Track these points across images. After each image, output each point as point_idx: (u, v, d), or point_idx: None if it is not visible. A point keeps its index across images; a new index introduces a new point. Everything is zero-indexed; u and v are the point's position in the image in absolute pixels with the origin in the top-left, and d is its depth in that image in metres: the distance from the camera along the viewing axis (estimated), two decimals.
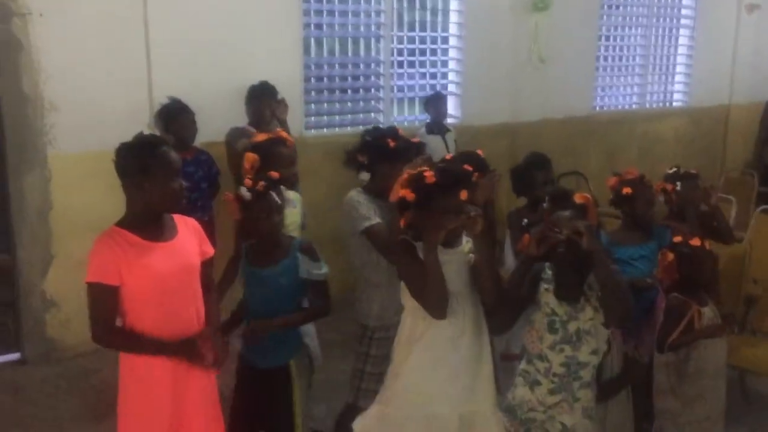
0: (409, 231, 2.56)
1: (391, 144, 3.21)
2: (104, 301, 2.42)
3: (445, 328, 2.53)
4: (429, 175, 2.50)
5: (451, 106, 6.37)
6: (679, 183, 3.65)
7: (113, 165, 2.49)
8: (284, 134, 3.77)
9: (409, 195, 2.51)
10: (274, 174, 2.98)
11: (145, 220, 2.47)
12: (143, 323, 2.44)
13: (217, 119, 4.89)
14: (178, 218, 2.59)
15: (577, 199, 2.60)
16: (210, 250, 2.66)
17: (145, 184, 2.42)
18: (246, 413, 2.99)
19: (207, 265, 2.64)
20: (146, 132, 3.96)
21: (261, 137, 3.67)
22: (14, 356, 4.71)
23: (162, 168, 2.43)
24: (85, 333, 4.57)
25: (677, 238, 3.15)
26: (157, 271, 2.42)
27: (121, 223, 2.48)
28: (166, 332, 2.46)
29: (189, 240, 2.57)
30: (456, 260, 2.56)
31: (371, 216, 3.09)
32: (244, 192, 2.86)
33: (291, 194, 3.68)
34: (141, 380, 2.52)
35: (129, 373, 2.54)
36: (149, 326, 2.44)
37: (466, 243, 2.60)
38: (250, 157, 3.44)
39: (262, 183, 2.90)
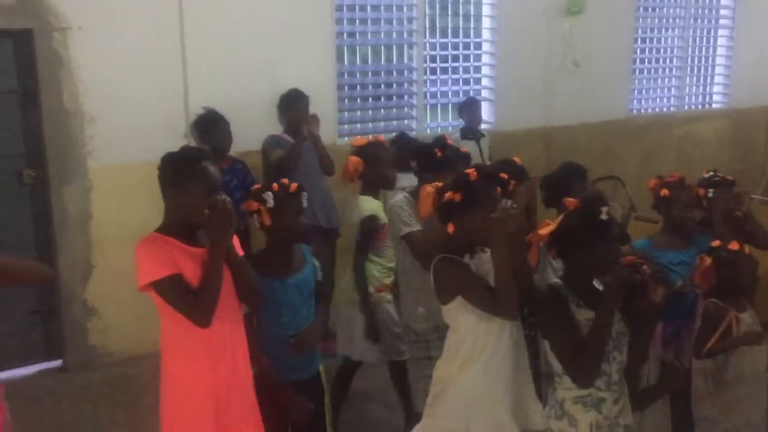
0: (454, 241, 2.55)
1: (438, 154, 3.25)
2: (179, 290, 2.40)
3: (504, 336, 2.54)
4: (472, 172, 2.56)
5: (485, 112, 6.34)
6: (711, 189, 3.56)
7: (156, 174, 2.53)
8: (381, 137, 3.88)
9: (456, 196, 2.52)
10: (284, 180, 2.96)
11: (182, 228, 2.50)
12: (182, 325, 2.45)
13: (253, 129, 4.95)
14: None
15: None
16: (239, 252, 2.64)
17: (180, 197, 2.45)
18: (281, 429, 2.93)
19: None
20: (185, 143, 4.05)
21: (361, 141, 3.81)
22: (56, 363, 4.81)
23: (198, 183, 2.44)
24: (125, 340, 4.75)
25: (716, 243, 3.09)
26: (198, 272, 2.45)
27: (161, 230, 2.51)
28: (206, 333, 2.47)
29: None
30: (489, 261, 2.56)
31: (412, 222, 3.16)
32: (269, 198, 2.84)
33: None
34: (182, 390, 2.53)
35: (170, 384, 2.56)
36: (188, 326, 2.44)
37: None
38: (354, 161, 3.57)
39: (294, 184, 2.91)
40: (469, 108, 5.98)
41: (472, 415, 2.58)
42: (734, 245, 2.98)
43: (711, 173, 3.71)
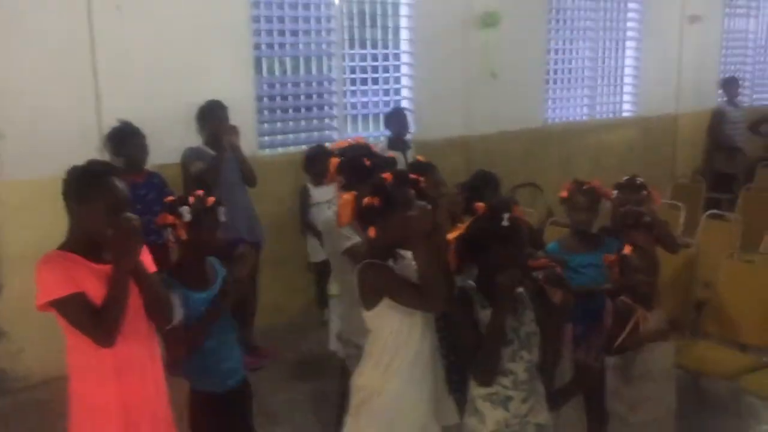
0: (375, 249, 2.60)
1: (367, 163, 3.27)
2: (80, 309, 2.33)
3: (426, 337, 2.61)
4: (387, 176, 2.65)
5: None
6: (615, 192, 3.71)
7: (62, 187, 2.45)
8: (362, 139, 3.88)
9: (376, 201, 2.57)
10: (200, 192, 2.94)
11: (87, 244, 2.43)
12: (87, 344, 2.38)
13: (170, 141, 4.86)
14: None
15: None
16: (150, 268, 2.60)
17: (83, 212, 2.39)
18: None
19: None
20: (97, 156, 3.93)
21: (342, 143, 3.78)
22: None
23: (103, 199, 2.38)
24: (37, 363, 4.57)
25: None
26: (103, 290, 2.38)
27: (63, 247, 2.44)
28: (113, 352, 2.40)
29: None
30: (411, 264, 2.62)
31: (351, 235, 3.14)
32: (185, 212, 2.81)
33: None
34: (90, 409, 2.46)
35: (78, 404, 2.49)
36: (93, 345, 2.38)
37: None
38: (336, 162, 3.52)
39: (211, 198, 2.88)
40: (396, 118, 6.04)
41: (397, 419, 2.61)
42: (626, 248, 3.10)
43: (627, 178, 3.85)
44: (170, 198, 2.97)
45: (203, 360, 2.84)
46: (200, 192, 2.95)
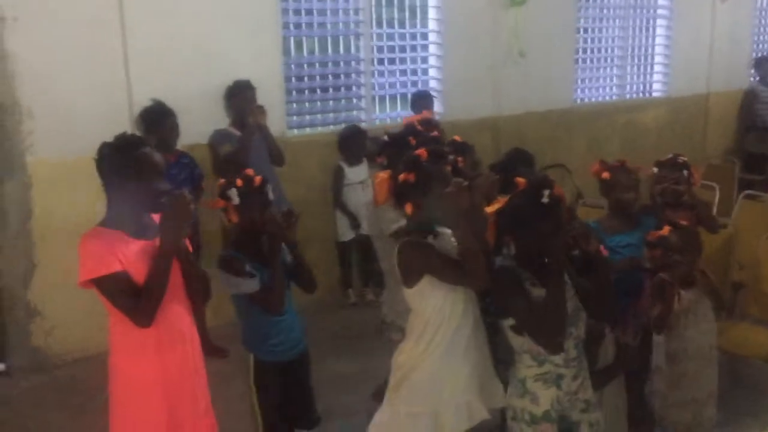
0: (414, 226, 2.60)
1: (413, 141, 3.24)
2: (121, 288, 2.34)
3: (468, 315, 2.60)
4: (421, 152, 2.64)
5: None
6: (656, 169, 3.64)
7: (95, 165, 2.45)
8: (428, 115, 3.83)
9: (410, 177, 2.55)
10: (258, 178, 2.96)
11: (127, 219, 2.43)
12: (126, 321, 2.39)
13: (200, 121, 4.86)
14: (156, 217, 2.53)
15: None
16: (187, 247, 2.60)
17: (126, 184, 2.38)
18: (283, 412, 3.02)
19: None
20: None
21: (413, 118, 3.73)
22: None
23: (144, 168, 2.39)
24: (72, 341, 4.62)
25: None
26: (143, 267, 2.38)
27: (104, 224, 2.44)
28: (156, 327, 2.41)
29: None
30: (450, 240, 2.61)
31: (398, 218, 3.11)
32: (234, 195, 2.85)
33: None
34: (133, 384, 2.48)
35: (120, 379, 2.50)
36: (131, 324, 2.39)
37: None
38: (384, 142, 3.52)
39: (258, 177, 2.92)
40: (421, 100, 5.99)
41: (440, 397, 2.61)
42: (664, 230, 3.04)
43: (670, 155, 3.78)
44: (221, 181, 3.00)
45: (271, 330, 2.93)
46: (250, 171, 2.97)
